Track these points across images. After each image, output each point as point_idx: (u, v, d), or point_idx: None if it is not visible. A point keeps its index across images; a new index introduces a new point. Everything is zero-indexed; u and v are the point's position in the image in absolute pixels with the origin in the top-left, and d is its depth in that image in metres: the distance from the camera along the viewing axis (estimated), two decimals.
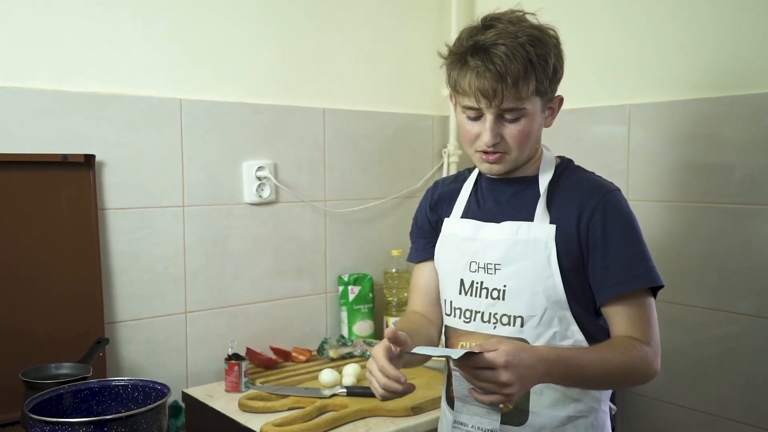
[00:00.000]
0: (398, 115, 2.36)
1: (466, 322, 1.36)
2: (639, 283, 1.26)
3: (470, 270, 1.36)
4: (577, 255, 1.29)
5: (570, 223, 1.29)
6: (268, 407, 1.66)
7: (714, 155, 1.85)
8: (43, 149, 1.67)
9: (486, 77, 1.22)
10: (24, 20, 1.65)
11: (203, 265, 1.94)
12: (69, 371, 1.55)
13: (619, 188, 1.33)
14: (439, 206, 1.48)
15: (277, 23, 2.07)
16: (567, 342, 1.29)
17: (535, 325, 1.29)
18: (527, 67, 1.22)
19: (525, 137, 1.29)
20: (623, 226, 1.28)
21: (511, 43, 1.22)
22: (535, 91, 1.25)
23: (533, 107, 1.27)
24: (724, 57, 1.83)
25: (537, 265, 1.29)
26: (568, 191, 1.32)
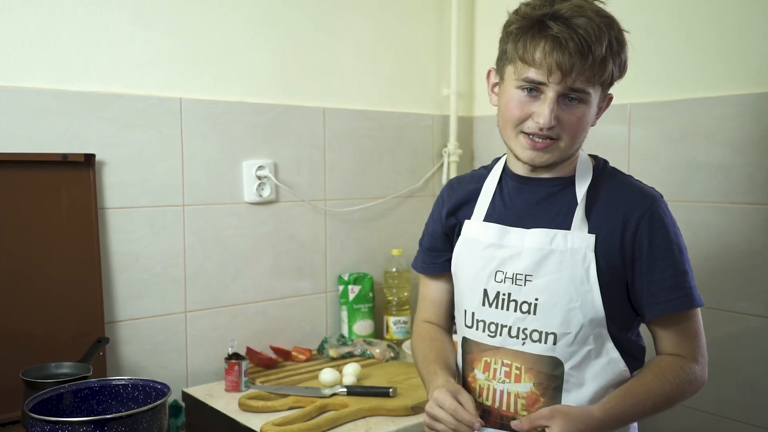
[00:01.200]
0: (398, 115, 2.36)
1: (491, 336, 1.26)
2: (684, 305, 1.20)
3: (495, 280, 1.26)
4: (619, 268, 1.20)
5: (613, 234, 1.20)
6: (268, 407, 1.66)
7: (714, 154, 1.85)
8: (43, 149, 1.67)
9: (568, 47, 1.12)
10: (23, 19, 1.65)
11: (203, 265, 1.94)
12: (69, 371, 1.55)
13: (662, 195, 1.25)
14: (459, 209, 1.37)
15: (277, 23, 2.07)
16: (601, 360, 1.21)
17: (569, 343, 1.20)
18: (607, 48, 1.14)
19: (582, 126, 1.20)
20: (671, 241, 1.20)
21: (594, 18, 1.14)
22: (608, 78, 1.18)
23: (594, 97, 1.19)
24: (724, 56, 1.83)
25: (574, 278, 1.19)
26: (609, 198, 1.23)
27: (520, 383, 1.23)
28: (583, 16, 1.13)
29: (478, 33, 2.53)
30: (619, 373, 1.22)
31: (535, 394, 1.22)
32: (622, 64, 1.20)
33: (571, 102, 1.18)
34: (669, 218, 1.22)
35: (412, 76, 2.41)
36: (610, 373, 1.22)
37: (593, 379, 1.21)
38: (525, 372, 1.23)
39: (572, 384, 1.21)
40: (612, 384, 1.23)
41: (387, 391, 1.70)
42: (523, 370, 1.23)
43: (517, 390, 1.23)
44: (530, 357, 1.22)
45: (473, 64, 2.55)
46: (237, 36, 1.99)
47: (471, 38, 2.54)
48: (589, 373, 1.21)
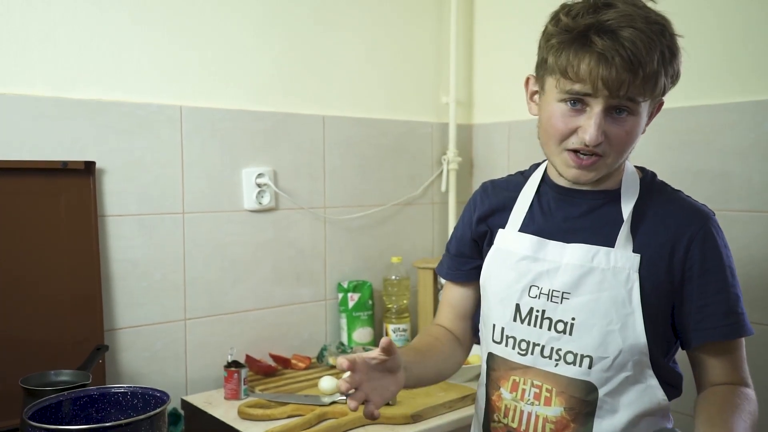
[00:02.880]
0: (397, 122, 2.36)
1: (522, 355, 1.19)
2: (736, 333, 1.14)
3: (529, 295, 1.19)
4: (666, 291, 1.14)
5: (661, 254, 1.13)
6: (267, 415, 1.65)
7: (712, 162, 1.85)
8: (43, 156, 1.67)
9: (615, 64, 1.03)
10: (23, 27, 1.65)
11: (203, 272, 1.94)
12: (68, 378, 1.54)
13: (714, 212, 1.18)
14: (492, 216, 1.30)
15: (276, 31, 2.07)
16: (638, 386, 1.15)
17: (606, 368, 1.13)
18: (659, 61, 1.05)
19: (630, 140, 1.11)
20: (724, 263, 1.13)
21: (644, 28, 1.04)
22: (661, 90, 1.09)
23: (644, 109, 1.11)
24: (722, 65, 1.84)
25: (615, 300, 1.12)
26: (658, 215, 1.16)
27: (550, 406, 1.16)
28: (632, 27, 1.03)
29: (476, 42, 2.54)
30: (657, 402, 1.16)
31: (566, 419, 1.16)
32: (675, 74, 1.11)
33: (619, 114, 1.09)
34: (722, 239, 1.16)
35: (412, 84, 2.41)
36: (647, 401, 1.16)
37: (628, 406, 1.15)
38: (556, 395, 1.16)
39: (605, 411, 1.14)
40: (647, 412, 1.16)
41: None
42: (554, 392, 1.16)
43: (546, 414, 1.17)
44: (563, 379, 1.15)
45: (472, 72, 2.56)
46: (237, 44, 1.99)
47: (470, 47, 2.55)
48: (625, 400, 1.15)
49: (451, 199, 2.47)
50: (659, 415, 1.19)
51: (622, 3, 1.07)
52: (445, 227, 2.51)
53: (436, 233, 2.51)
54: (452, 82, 2.45)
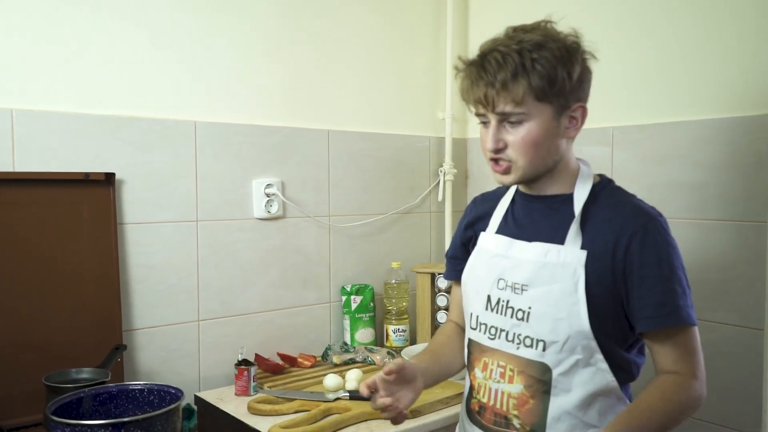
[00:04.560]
0: (397, 137, 2.37)
1: (491, 339, 1.27)
2: (671, 321, 1.15)
3: (498, 287, 1.27)
4: (610, 284, 1.17)
5: (605, 251, 1.17)
6: (275, 410, 1.65)
7: (691, 174, 1.85)
8: (66, 168, 1.67)
9: (479, 85, 1.17)
10: (49, 49, 1.66)
11: (215, 277, 1.94)
12: (89, 376, 1.54)
13: (661, 214, 1.21)
14: (477, 222, 1.40)
15: (284, 52, 2.08)
16: (589, 369, 1.19)
17: (557, 351, 1.19)
18: (517, 71, 1.13)
19: (529, 144, 1.17)
20: (661, 258, 1.15)
21: (504, 49, 1.15)
22: (533, 96, 1.14)
23: (537, 112, 1.16)
24: (699, 83, 1.84)
25: (563, 291, 1.18)
26: (605, 215, 1.20)
27: (512, 384, 1.24)
28: (495, 50, 1.16)
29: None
30: (606, 384, 1.20)
31: (526, 396, 1.22)
32: (553, 77, 1.14)
33: (512, 124, 1.18)
34: (663, 237, 1.17)
35: (410, 101, 2.42)
36: (598, 383, 1.20)
37: (580, 386, 1.19)
38: (517, 374, 1.23)
39: (560, 389, 1.20)
40: (599, 393, 1.20)
41: None
42: (515, 372, 1.23)
43: (510, 390, 1.24)
44: (522, 361, 1.22)
45: None
46: (247, 64, 2.00)
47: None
48: (577, 381, 1.19)
49: (448, 208, 2.47)
50: (613, 396, 1.22)
51: (518, 31, 1.19)
52: (441, 234, 2.51)
53: (433, 240, 2.51)
54: (448, 100, 2.46)
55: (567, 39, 1.19)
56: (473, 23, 2.53)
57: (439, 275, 2.24)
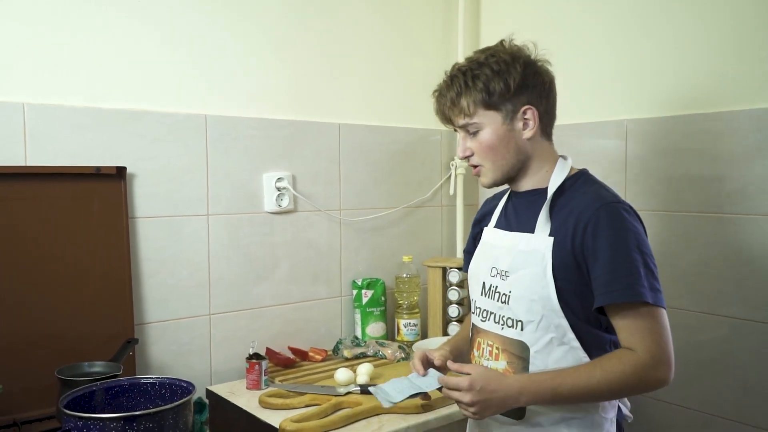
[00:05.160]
0: (408, 130, 2.35)
1: (483, 321, 1.39)
2: (619, 297, 1.21)
3: (491, 275, 1.38)
4: (573, 267, 1.25)
5: (566, 236, 1.26)
6: (286, 404, 1.65)
7: (706, 167, 1.83)
8: (78, 162, 1.67)
9: (439, 105, 1.39)
10: (61, 43, 1.66)
11: (226, 271, 1.94)
12: (101, 369, 1.54)
13: (621, 201, 1.27)
14: (483, 219, 1.52)
15: (295, 46, 2.07)
16: (563, 347, 1.27)
17: (534, 330, 1.28)
18: (461, 89, 1.32)
19: (486, 149, 1.34)
20: (612, 238, 1.22)
21: (455, 72, 1.35)
22: (481, 107, 1.31)
23: (488, 120, 1.32)
24: (715, 75, 1.82)
25: (535, 275, 1.28)
26: (571, 204, 1.29)
27: (498, 361, 1.34)
28: (449, 75, 1.37)
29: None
30: (579, 361, 1.26)
31: (509, 372, 1.32)
32: (497, 88, 1.30)
33: (473, 134, 1.35)
34: (617, 221, 1.23)
35: (421, 94, 2.38)
36: (571, 360, 1.27)
37: (555, 363, 1.27)
38: (501, 352, 1.34)
39: (537, 366, 1.28)
40: None
41: None
42: (500, 350, 1.34)
43: (496, 367, 1.34)
44: (506, 340, 1.33)
45: None
46: (258, 58, 1.99)
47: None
48: (552, 358, 1.27)
49: (459, 202, 2.46)
50: None
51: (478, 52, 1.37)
52: (453, 228, 2.49)
53: (444, 234, 2.50)
54: None
55: (508, 52, 1.34)
56: (485, 15, 2.50)
57: (451, 269, 2.23)
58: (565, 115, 2.19)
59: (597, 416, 1.30)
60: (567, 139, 2.15)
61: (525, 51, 1.36)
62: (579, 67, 2.15)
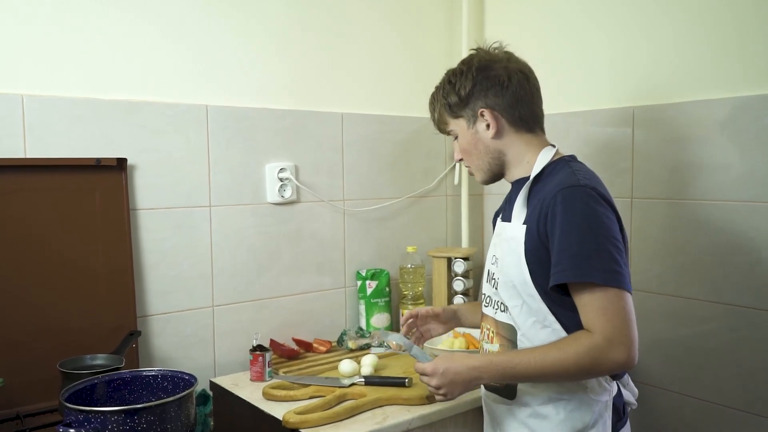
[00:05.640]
0: (412, 119, 2.33)
1: (485, 307, 1.47)
2: (565, 277, 1.23)
3: (491, 262, 1.45)
4: (543, 251, 1.29)
5: (534, 222, 1.31)
6: (290, 396, 1.64)
7: (714, 154, 1.80)
8: (78, 154, 1.66)
9: (431, 116, 1.54)
10: (60, 34, 1.64)
11: (229, 262, 1.93)
12: (103, 362, 1.54)
13: (583, 184, 1.27)
14: (498, 215, 1.57)
15: (296, 34, 2.05)
16: (546, 330, 1.30)
17: (518, 314, 1.34)
18: (435, 104, 1.50)
19: (464, 152, 1.46)
20: (563, 220, 1.24)
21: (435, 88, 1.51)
22: (449, 116, 1.46)
23: (458, 127, 1.45)
24: (721, 60, 1.79)
25: (513, 262, 1.34)
26: (543, 191, 1.33)
27: (492, 344, 1.43)
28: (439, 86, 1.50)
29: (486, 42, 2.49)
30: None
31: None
32: (451, 99, 1.44)
33: (455, 140, 1.49)
34: (571, 204, 1.25)
35: (425, 82, 2.35)
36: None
37: (541, 344, 1.30)
38: (495, 335, 1.42)
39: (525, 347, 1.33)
40: None
41: (403, 381, 1.68)
42: (495, 333, 1.42)
43: (491, 349, 1.43)
44: (499, 323, 1.41)
45: None
46: (259, 46, 1.97)
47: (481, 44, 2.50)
48: (537, 340, 1.31)
49: (464, 191, 2.44)
50: None
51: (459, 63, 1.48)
52: (458, 218, 2.47)
53: (449, 224, 2.48)
54: None
55: (464, 63, 1.45)
56: (489, 3, 2.47)
57: (456, 259, 2.22)
58: (572, 102, 2.17)
59: (585, 398, 1.31)
60: (574, 127, 2.13)
61: (481, 55, 1.45)
62: (586, 54, 2.12)
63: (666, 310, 1.92)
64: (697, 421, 1.86)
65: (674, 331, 1.90)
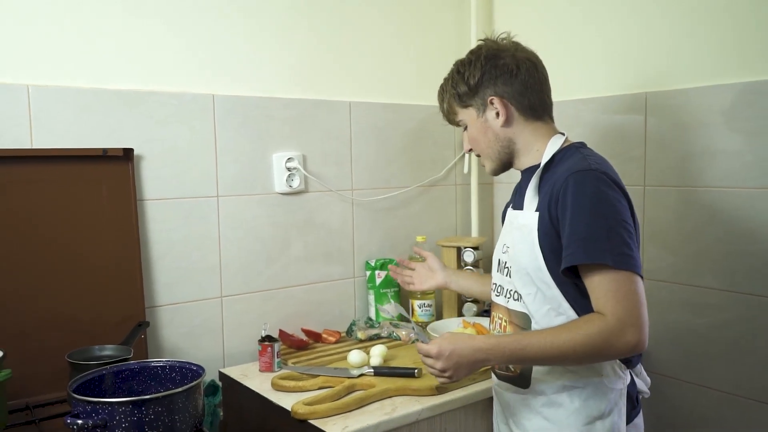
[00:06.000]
0: (420, 108, 2.31)
1: (496, 296, 1.47)
2: (576, 259, 1.23)
3: (502, 251, 1.45)
4: (555, 238, 1.29)
5: (546, 208, 1.30)
6: (299, 386, 1.63)
7: (727, 141, 1.77)
8: (84, 144, 1.65)
9: (440, 107, 1.55)
10: (65, 24, 1.63)
11: (237, 252, 1.92)
12: (111, 353, 1.53)
13: (593, 169, 1.27)
14: (508, 206, 1.57)
15: (303, 21, 2.03)
16: (561, 317, 1.30)
17: (532, 301, 1.33)
18: (444, 95, 1.50)
19: (474, 140, 1.47)
20: (575, 204, 1.24)
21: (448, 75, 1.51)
22: (459, 106, 1.47)
23: (467, 117, 1.46)
24: (736, 44, 1.75)
25: (526, 249, 1.33)
26: (553, 177, 1.33)
27: (506, 333, 1.41)
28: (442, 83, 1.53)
29: (496, 28, 2.46)
30: None
31: None
32: (460, 90, 1.45)
33: (465, 130, 1.50)
34: (581, 188, 1.25)
35: (433, 70, 2.33)
36: None
37: None
38: (508, 324, 1.41)
39: None
40: None
41: (412, 371, 1.67)
42: (507, 322, 1.41)
43: None
44: (511, 312, 1.40)
45: None
46: (266, 35, 1.96)
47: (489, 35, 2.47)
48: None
49: (473, 180, 2.42)
50: None
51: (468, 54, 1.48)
52: (467, 207, 2.45)
53: (459, 213, 2.46)
54: None
55: (472, 53, 1.45)
56: None
57: (465, 249, 2.20)
58: (583, 89, 2.14)
59: (601, 386, 1.31)
60: (585, 114, 2.10)
61: (489, 45, 1.45)
62: (597, 40, 2.09)
63: (679, 299, 1.89)
64: (712, 411, 1.84)
65: (687, 320, 1.88)
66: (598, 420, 1.31)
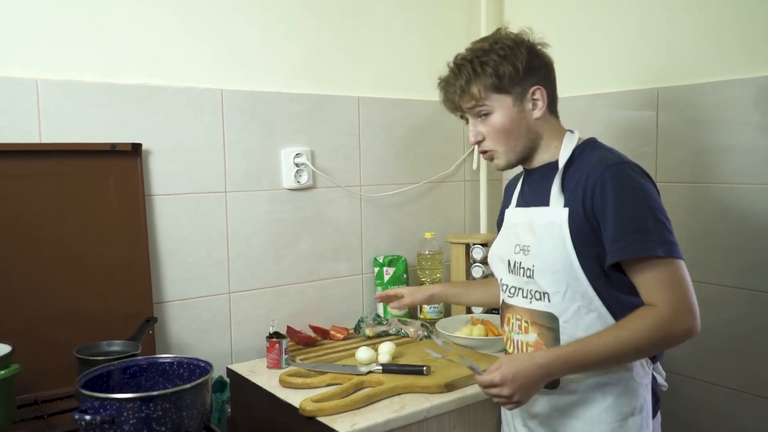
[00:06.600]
0: (429, 103, 2.29)
1: (510, 297, 1.43)
2: (627, 253, 1.23)
3: (515, 252, 1.41)
4: (589, 233, 1.28)
5: (578, 203, 1.29)
6: (307, 383, 1.62)
7: (739, 137, 1.75)
8: (93, 139, 1.65)
9: (446, 93, 1.42)
10: (74, 19, 1.63)
11: (245, 248, 1.92)
12: (119, 348, 1.54)
13: (627, 161, 1.28)
14: (505, 201, 1.57)
15: (312, 17, 2.02)
16: (592, 315, 1.29)
17: (560, 300, 1.31)
18: (471, 76, 1.36)
19: (500, 131, 1.37)
20: (617, 197, 1.24)
21: (460, 61, 1.39)
22: (492, 91, 1.35)
23: (500, 104, 1.36)
24: (748, 39, 1.73)
25: (554, 247, 1.30)
26: (579, 172, 1.31)
27: (528, 334, 1.38)
28: (455, 63, 1.41)
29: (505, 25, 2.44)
30: (608, 325, 1.28)
31: (540, 343, 1.36)
32: (503, 72, 1.34)
33: (484, 118, 1.38)
34: (621, 180, 1.25)
35: (442, 65, 2.32)
36: (600, 326, 1.28)
37: (585, 331, 1.29)
38: (531, 325, 1.38)
39: (567, 335, 1.31)
40: None
41: (421, 369, 1.65)
42: (529, 323, 1.38)
43: (527, 340, 1.39)
44: (534, 312, 1.36)
45: None
46: (274, 29, 1.95)
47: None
48: (581, 326, 1.29)
49: (482, 176, 2.40)
50: None
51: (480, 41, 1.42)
52: (476, 204, 2.44)
53: (468, 209, 2.45)
54: None
55: (511, 39, 1.38)
56: None
57: (474, 246, 2.19)
58: (594, 84, 2.12)
59: (632, 382, 1.31)
60: (596, 109, 2.08)
61: (525, 36, 1.40)
62: (608, 34, 2.07)
63: None
64: (725, 409, 1.82)
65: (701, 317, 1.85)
66: (630, 416, 1.31)
